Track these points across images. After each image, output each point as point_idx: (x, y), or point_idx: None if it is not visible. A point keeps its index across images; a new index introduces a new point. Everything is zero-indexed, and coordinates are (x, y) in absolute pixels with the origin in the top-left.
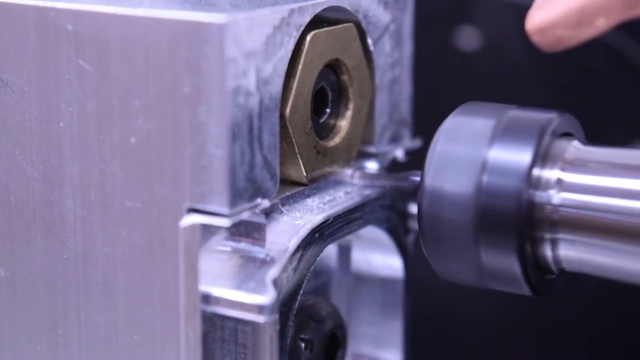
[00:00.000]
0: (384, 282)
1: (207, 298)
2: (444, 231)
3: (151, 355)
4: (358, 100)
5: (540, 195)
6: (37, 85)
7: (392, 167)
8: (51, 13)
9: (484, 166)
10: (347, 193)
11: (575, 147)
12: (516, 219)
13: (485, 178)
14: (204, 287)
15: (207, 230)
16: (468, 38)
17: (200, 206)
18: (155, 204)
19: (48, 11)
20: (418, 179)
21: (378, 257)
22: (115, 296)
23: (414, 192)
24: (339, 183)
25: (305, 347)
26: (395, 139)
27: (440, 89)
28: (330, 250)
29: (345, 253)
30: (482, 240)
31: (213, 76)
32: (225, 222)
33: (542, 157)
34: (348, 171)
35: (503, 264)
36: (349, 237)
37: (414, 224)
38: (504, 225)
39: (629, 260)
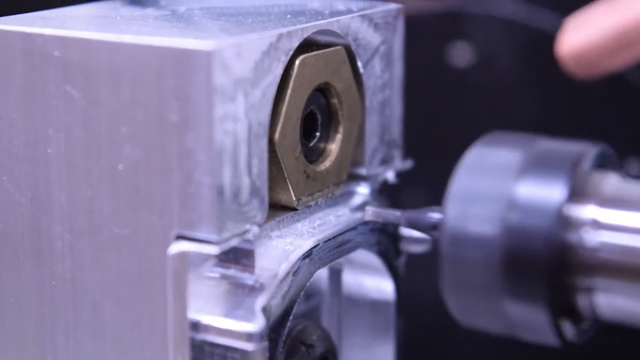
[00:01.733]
0: (375, 305)
1: (195, 325)
2: (467, 276)
3: None
4: (348, 123)
5: (574, 237)
6: (24, 112)
7: (383, 190)
8: (38, 39)
9: (512, 203)
10: (337, 217)
11: (613, 182)
12: (547, 263)
13: (512, 216)
14: (193, 315)
15: (196, 257)
16: (461, 54)
17: (189, 233)
18: (143, 231)
19: (35, 37)
20: (436, 216)
21: (369, 280)
22: (104, 323)
23: (431, 229)
24: (329, 206)
25: None
26: (386, 161)
27: (432, 104)
28: (321, 273)
29: (335, 276)
30: (509, 287)
31: (201, 103)
32: (214, 250)
33: (576, 193)
34: (368, 209)
35: (532, 313)
36: (339, 260)
37: (405, 246)
38: (534, 270)
39: None
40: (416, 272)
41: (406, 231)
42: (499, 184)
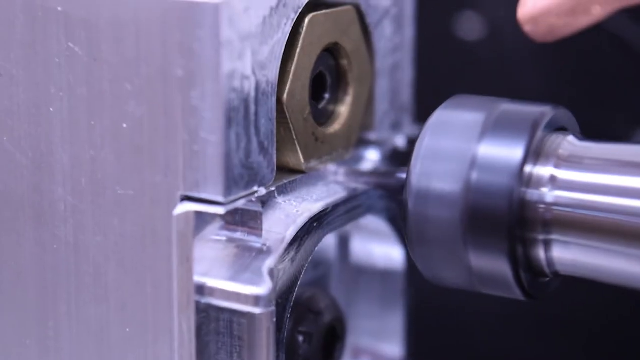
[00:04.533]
0: (384, 274)
1: (201, 289)
2: (431, 232)
3: (143, 349)
4: (358, 85)
5: (532, 194)
6: (25, 69)
7: (394, 156)
8: None
9: (474, 163)
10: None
11: (570, 143)
12: (507, 218)
13: (474, 175)
14: (198, 278)
15: (202, 219)
16: (470, 26)
17: (194, 194)
18: (148, 192)
19: None
20: (404, 176)
21: (378, 247)
22: (107, 287)
23: (400, 190)
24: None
25: (304, 341)
26: (396, 126)
27: (441, 77)
28: (329, 241)
29: (344, 244)
30: (471, 242)
31: (207, 59)
32: (220, 210)
33: (534, 153)
34: (332, 167)
35: (493, 266)
36: (348, 227)
37: None
38: (495, 225)
39: (627, 263)
40: None
41: None
42: (463, 145)
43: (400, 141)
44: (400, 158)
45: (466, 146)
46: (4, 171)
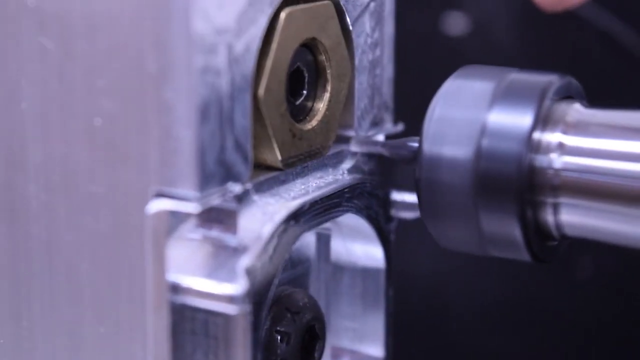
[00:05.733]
0: (365, 273)
1: (175, 288)
2: (443, 197)
3: (117, 348)
4: (336, 82)
5: (541, 159)
6: None
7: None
8: None
9: (484, 130)
10: (325, 179)
11: (577, 110)
12: (517, 183)
13: (484, 142)
14: (172, 277)
15: (176, 217)
16: (455, 22)
17: (168, 191)
18: (121, 189)
19: None
20: (416, 145)
21: (358, 246)
22: (81, 286)
23: (412, 159)
24: (316, 168)
25: (282, 340)
26: (376, 124)
27: (426, 73)
28: (309, 239)
29: (324, 242)
30: (482, 206)
31: (180, 53)
32: (194, 208)
33: (543, 120)
34: (351, 133)
35: (503, 229)
36: (327, 225)
37: (396, 212)
38: (505, 189)
39: (632, 225)
40: (405, 245)
41: (398, 196)
42: (473, 112)
43: (380, 139)
44: (381, 157)
45: (476, 114)
46: None
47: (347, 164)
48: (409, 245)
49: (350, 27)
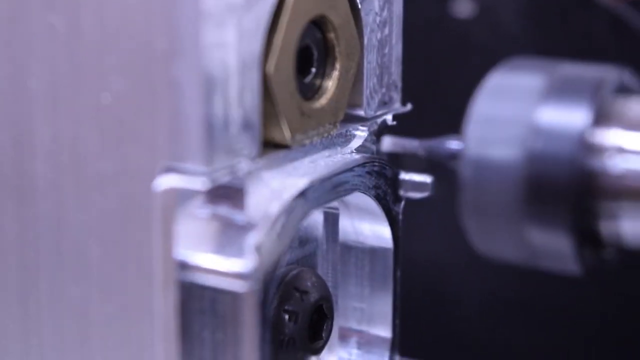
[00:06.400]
0: (373, 253)
1: (183, 265)
2: (489, 201)
3: (126, 327)
4: (345, 60)
5: (598, 161)
6: (4, 43)
7: (381, 132)
8: None
9: (534, 128)
10: (333, 157)
11: (637, 105)
12: (570, 189)
13: (535, 141)
14: (180, 254)
15: (184, 195)
16: (463, 5)
17: (176, 166)
18: (130, 167)
19: None
20: (455, 144)
21: (366, 226)
22: (89, 265)
23: (450, 158)
24: (324, 147)
25: (289, 319)
26: (384, 103)
27: (434, 57)
28: (317, 219)
29: (332, 221)
30: (532, 213)
31: (188, 30)
32: (203, 184)
33: (599, 118)
34: (385, 138)
35: (554, 240)
36: (336, 204)
37: (404, 192)
38: (557, 196)
39: None
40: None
41: (406, 176)
42: (521, 109)
43: (388, 117)
44: (389, 134)
45: (525, 110)
46: None
47: (356, 143)
48: (414, 230)
49: (359, 5)
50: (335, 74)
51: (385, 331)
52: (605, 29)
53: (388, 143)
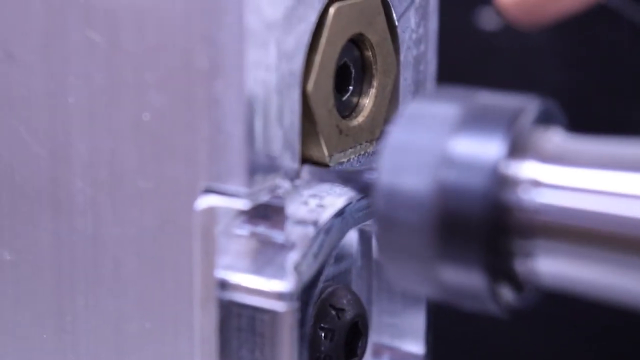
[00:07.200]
0: None
1: (223, 284)
2: (400, 238)
3: (163, 344)
4: (382, 77)
5: (512, 197)
6: (43, 58)
7: None
8: None
9: (446, 159)
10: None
11: (556, 138)
12: (482, 225)
13: (446, 174)
14: (220, 273)
15: (224, 213)
16: (489, 17)
17: (217, 186)
18: (169, 184)
19: None
20: (369, 175)
21: None
22: (126, 281)
23: (368, 191)
24: (361, 164)
25: (325, 337)
26: None
27: (460, 68)
28: (352, 236)
29: (366, 239)
30: (443, 251)
31: (231, 48)
32: (243, 204)
33: (515, 149)
34: (304, 167)
35: (468, 279)
36: (369, 222)
37: None
38: (468, 232)
39: (625, 277)
40: None
41: None
42: (435, 138)
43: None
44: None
45: (438, 141)
46: (21, 163)
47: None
48: None
49: (397, 23)
50: (373, 91)
51: (417, 346)
52: (630, 39)
53: (305, 172)
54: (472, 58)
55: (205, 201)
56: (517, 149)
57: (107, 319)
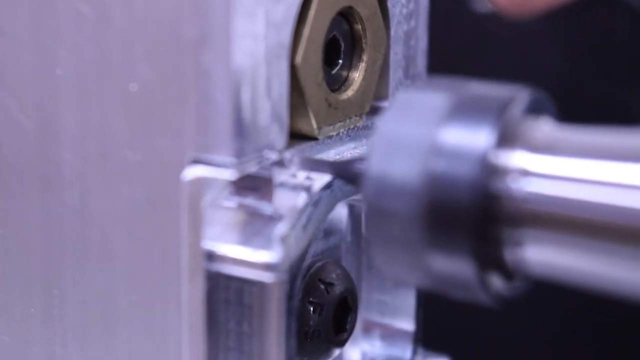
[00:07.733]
0: None
1: (210, 255)
2: (390, 227)
3: (151, 317)
4: (372, 51)
5: (501, 186)
6: (32, 31)
7: None
8: None
9: (435, 149)
10: (358, 149)
11: (545, 128)
12: (471, 214)
13: (435, 164)
14: (208, 244)
15: (212, 185)
16: (482, 0)
17: (205, 157)
18: (157, 156)
19: None
20: (360, 165)
21: None
22: (114, 254)
23: (359, 181)
24: (351, 138)
25: (314, 311)
26: None
27: (453, 52)
28: (341, 211)
29: (356, 214)
30: (433, 240)
31: (219, 18)
32: (230, 174)
33: (504, 139)
34: (287, 154)
35: (457, 268)
36: (360, 197)
37: None
38: (457, 221)
39: (613, 265)
40: None
41: None
42: (424, 128)
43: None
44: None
45: (428, 131)
46: (10, 136)
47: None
48: None
49: None
50: (362, 65)
51: (408, 324)
52: (626, 24)
53: (297, 162)
54: (466, 43)
55: (193, 172)
56: (506, 139)
57: (95, 292)
